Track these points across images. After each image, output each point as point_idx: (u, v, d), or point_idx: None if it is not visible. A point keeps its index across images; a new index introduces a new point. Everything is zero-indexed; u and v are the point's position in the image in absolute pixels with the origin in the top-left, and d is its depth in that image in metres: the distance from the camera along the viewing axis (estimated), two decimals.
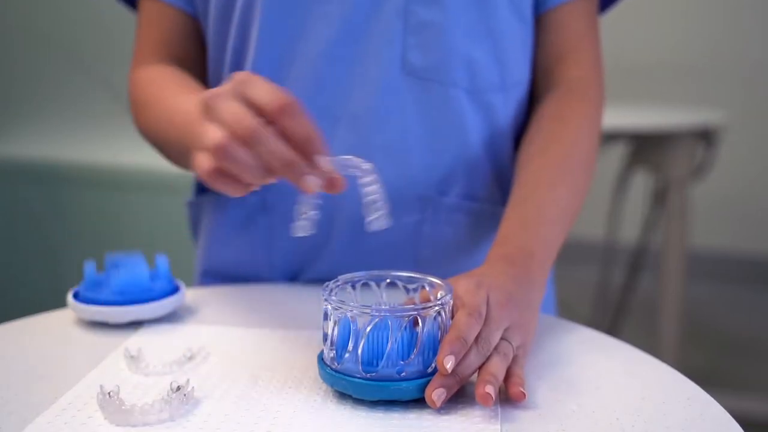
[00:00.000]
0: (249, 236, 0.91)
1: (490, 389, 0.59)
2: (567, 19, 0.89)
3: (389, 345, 0.60)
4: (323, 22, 0.82)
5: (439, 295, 0.64)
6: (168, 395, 0.59)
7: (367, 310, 0.61)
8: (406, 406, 0.61)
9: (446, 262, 0.88)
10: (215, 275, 0.95)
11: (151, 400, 0.59)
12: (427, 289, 0.67)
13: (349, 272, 0.68)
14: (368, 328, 0.61)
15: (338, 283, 0.66)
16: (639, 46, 3.20)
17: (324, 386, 0.64)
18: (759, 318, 3.02)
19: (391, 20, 0.82)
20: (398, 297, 0.67)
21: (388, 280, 0.68)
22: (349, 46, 0.82)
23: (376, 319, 0.60)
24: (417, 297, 0.67)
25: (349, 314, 0.61)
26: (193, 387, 0.61)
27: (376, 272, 0.68)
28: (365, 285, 0.68)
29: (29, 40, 2.21)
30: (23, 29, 2.21)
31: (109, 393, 0.58)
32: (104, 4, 2.16)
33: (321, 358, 0.64)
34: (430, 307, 0.61)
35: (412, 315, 0.61)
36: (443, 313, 0.62)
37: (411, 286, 0.68)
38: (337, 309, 0.62)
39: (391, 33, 0.82)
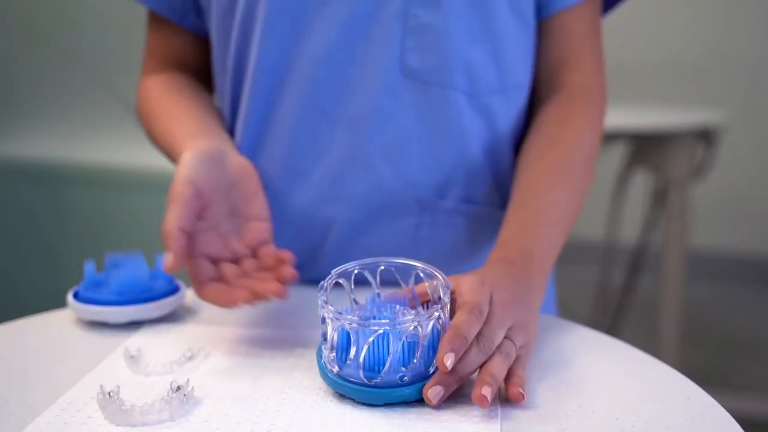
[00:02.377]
0: None
1: (486, 391, 0.59)
2: (570, 23, 0.89)
3: (390, 357, 0.60)
4: (323, 24, 0.82)
5: (435, 284, 0.64)
6: (168, 395, 0.59)
7: (367, 324, 0.60)
8: (407, 405, 0.61)
9: (444, 266, 0.88)
10: None
11: (151, 400, 0.59)
12: (422, 276, 0.66)
13: None
14: (369, 339, 0.60)
15: (332, 279, 0.65)
16: (639, 46, 3.20)
17: (324, 386, 0.64)
18: (759, 318, 3.02)
19: (390, 22, 0.82)
20: (393, 283, 0.67)
21: (382, 267, 0.67)
22: (349, 48, 0.83)
23: (377, 333, 0.60)
24: (411, 283, 0.67)
25: (347, 325, 0.61)
26: (193, 387, 0.61)
27: (369, 260, 0.67)
28: (359, 275, 0.67)
29: (29, 40, 2.21)
30: (23, 29, 2.21)
31: (109, 393, 0.58)
32: (104, 4, 2.17)
33: (321, 359, 0.64)
34: (430, 314, 0.61)
35: (412, 326, 0.61)
36: (442, 315, 0.62)
37: (405, 275, 0.67)
38: (336, 319, 0.61)
39: (390, 35, 0.82)
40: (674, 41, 3.27)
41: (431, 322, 0.61)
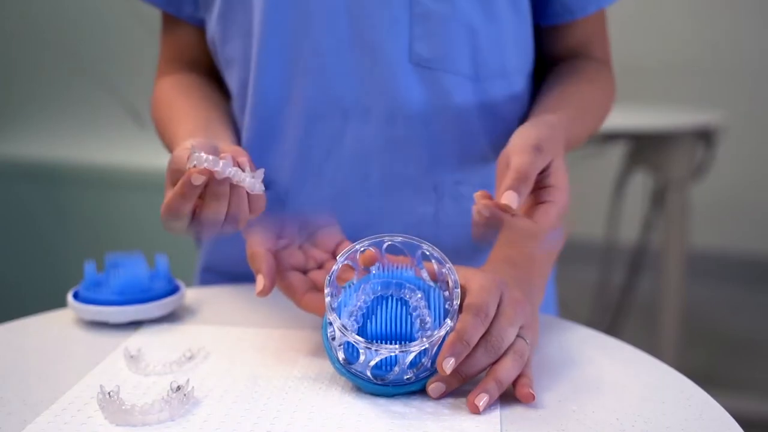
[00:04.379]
0: None
1: (481, 400, 0.59)
2: (583, 23, 0.91)
3: (397, 368, 0.61)
4: (329, 12, 0.82)
5: (445, 270, 0.64)
6: (168, 395, 0.59)
7: (374, 347, 0.60)
8: (409, 400, 0.61)
9: (468, 251, 0.88)
10: (216, 272, 0.95)
11: (151, 400, 0.59)
12: (427, 254, 0.66)
13: None
14: (375, 359, 0.61)
15: (339, 265, 0.65)
16: (639, 47, 3.20)
17: (324, 386, 0.64)
18: (759, 318, 3.01)
19: (397, 10, 0.82)
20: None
21: (387, 242, 0.67)
22: (357, 37, 0.82)
23: (385, 355, 0.61)
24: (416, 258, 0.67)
25: (353, 343, 0.61)
26: (193, 387, 0.61)
27: (374, 237, 0.67)
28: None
29: (29, 40, 2.21)
30: (23, 29, 2.21)
31: (109, 393, 0.58)
32: (104, 4, 2.17)
33: (327, 341, 0.64)
34: (440, 333, 0.61)
35: (421, 349, 0.61)
36: (452, 325, 0.62)
37: (411, 252, 0.67)
38: (343, 334, 0.62)
39: (398, 24, 0.82)
40: (674, 41, 3.26)
41: (440, 338, 0.61)
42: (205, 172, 0.64)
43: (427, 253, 0.66)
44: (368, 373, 0.61)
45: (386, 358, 0.61)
